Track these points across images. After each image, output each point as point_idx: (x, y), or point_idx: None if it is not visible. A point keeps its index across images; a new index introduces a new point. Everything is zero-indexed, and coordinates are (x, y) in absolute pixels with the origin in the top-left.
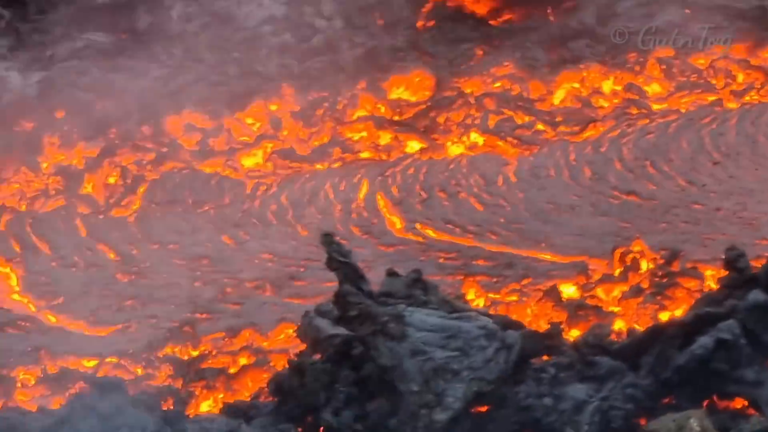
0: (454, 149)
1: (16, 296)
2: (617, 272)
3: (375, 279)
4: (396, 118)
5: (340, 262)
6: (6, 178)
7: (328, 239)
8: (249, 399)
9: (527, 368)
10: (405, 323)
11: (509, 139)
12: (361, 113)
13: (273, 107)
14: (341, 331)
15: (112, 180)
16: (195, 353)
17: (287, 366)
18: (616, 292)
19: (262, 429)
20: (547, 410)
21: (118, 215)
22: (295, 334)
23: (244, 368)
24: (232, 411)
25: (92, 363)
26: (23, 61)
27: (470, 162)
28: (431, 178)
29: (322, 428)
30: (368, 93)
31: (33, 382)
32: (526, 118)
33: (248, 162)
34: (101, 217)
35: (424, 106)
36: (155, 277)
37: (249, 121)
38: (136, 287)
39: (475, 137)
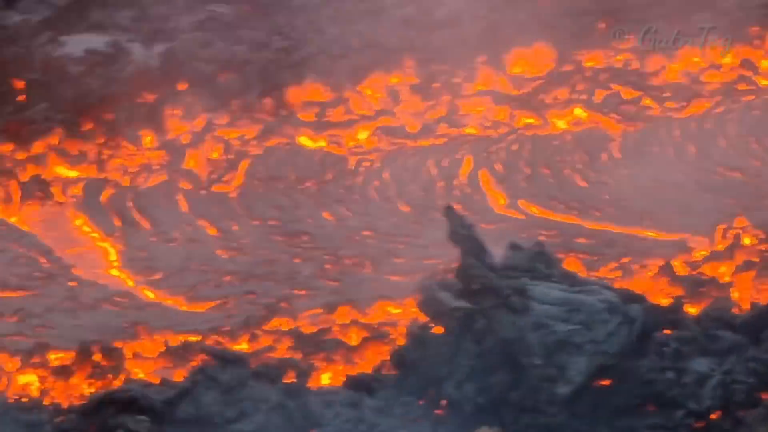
0: (560, 125)
1: (114, 271)
2: (721, 248)
3: None
4: (514, 92)
5: (462, 235)
6: (123, 149)
7: (450, 212)
8: (371, 372)
9: (649, 342)
10: (527, 296)
11: (613, 114)
12: (479, 87)
13: (393, 80)
14: (463, 304)
15: (215, 155)
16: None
17: (409, 339)
18: (724, 268)
19: (385, 402)
20: (669, 384)
21: (220, 191)
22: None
23: (364, 341)
24: (354, 384)
25: (193, 338)
26: (146, 33)
27: (575, 138)
28: (535, 155)
29: (444, 401)
30: (488, 67)
31: (152, 355)
32: (635, 94)
33: (362, 135)
34: (203, 192)
35: (541, 81)
36: (255, 253)
37: (368, 93)
38: (236, 263)
39: (579, 112)
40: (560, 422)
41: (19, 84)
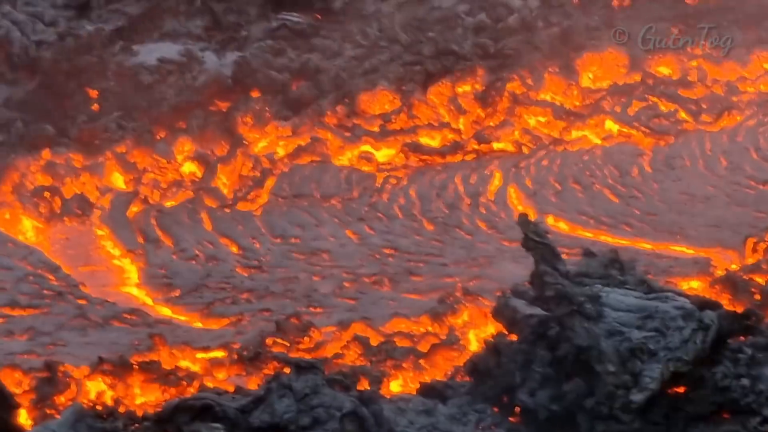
0: (593, 139)
1: (133, 289)
2: (751, 261)
3: (495, 275)
4: (576, 104)
5: (536, 243)
6: (155, 162)
7: (524, 219)
8: (445, 379)
9: (724, 349)
10: (601, 303)
11: (643, 128)
12: (544, 96)
13: (460, 89)
14: (537, 311)
15: (245, 171)
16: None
17: (483, 346)
18: (759, 279)
19: (458, 409)
20: (744, 391)
21: (244, 209)
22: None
23: (434, 348)
24: (428, 391)
25: (201, 355)
26: (219, 42)
27: (605, 153)
28: (565, 170)
29: (518, 408)
30: (558, 76)
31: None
32: (671, 106)
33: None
34: (227, 210)
35: (603, 93)
36: (274, 271)
37: (434, 100)
38: (254, 281)
39: (610, 125)
40: (634, 429)
41: (92, 93)
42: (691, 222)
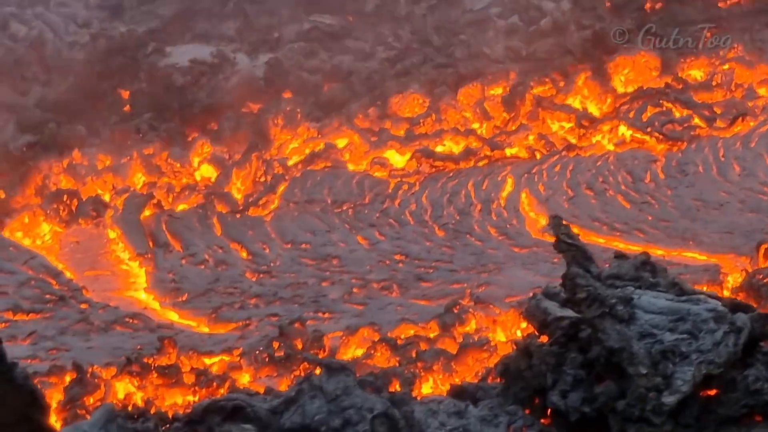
0: (606, 145)
1: (141, 293)
2: (764, 267)
3: (504, 281)
4: (603, 109)
5: (568, 245)
6: (170, 166)
7: (556, 221)
8: (477, 381)
9: (756, 351)
10: (633, 306)
11: (656, 134)
12: (572, 102)
13: (490, 92)
14: (569, 313)
15: (259, 176)
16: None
17: (514, 348)
18: None
19: (489, 411)
20: None
21: (255, 215)
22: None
23: (463, 349)
24: (459, 392)
25: (209, 360)
26: (251, 43)
27: (618, 158)
28: (578, 176)
29: (549, 410)
30: (591, 80)
31: (262, 365)
32: (685, 112)
33: (445, 148)
34: (238, 216)
35: (626, 98)
36: (283, 276)
37: (463, 103)
38: (263, 286)
39: (623, 131)
40: None
41: (125, 94)
42: (703, 228)
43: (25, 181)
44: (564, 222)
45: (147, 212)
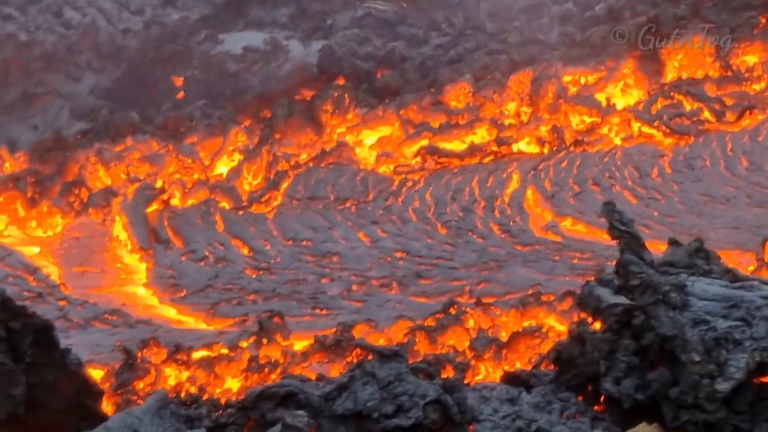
0: (614, 139)
1: (140, 288)
2: None
3: (504, 279)
4: (630, 102)
5: (621, 231)
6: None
7: (609, 208)
8: (530, 368)
9: None
10: (687, 293)
11: (664, 128)
12: (612, 95)
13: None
14: (622, 300)
15: (263, 173)
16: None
17: (568, 335)
18: None
19: (542, 398)
20: None
21: (258, 211)
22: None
23: (514, 336)
24: (512, 379)
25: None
26: (304, 30)
27: (625, 154)
28: (585, 171)
29: (602, 397)
30: (640, 67)
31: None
32: (695, 105)
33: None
34: (240, 213)
35: (665, 87)
36: (282, 273)
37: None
38: (262, 282)
39: (632, 125)
40: (719, 419)
41: (178, 81)
42: (710, 223)
43: (63, 170)
44: (617, 209)
45: (155, 206)
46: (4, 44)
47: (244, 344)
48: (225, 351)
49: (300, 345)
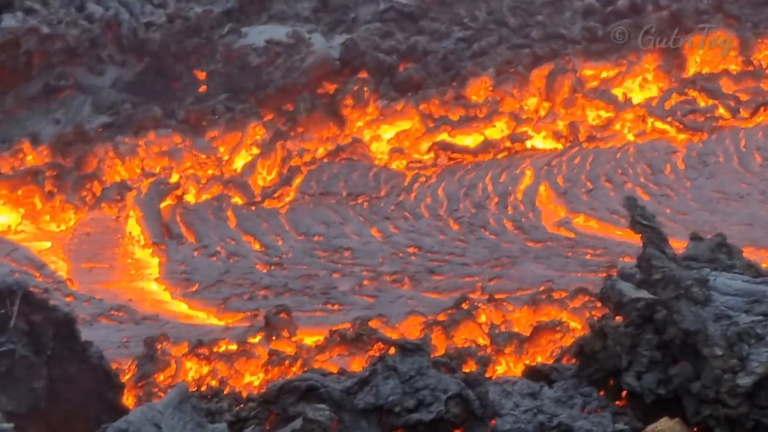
0: (627, 135)
1: (152, 284)
2: None
3: (516, 275)
4: (647, 97)
5: (643, 226)
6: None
7: (631, 202)
8: (551, 362)
9: None
10: (709, 287)
11: (677, 124)
12: (630, 89)
13: (560, 75)
14: (644, 294)
15: (276, 169)
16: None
17: (589, 329)
18: None
19: (564, 392)
20: None
21: (270, 207)
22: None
23: (536, 330)
24: (534, 374)
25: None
26: (327, 24)
27: (638, 150)
28: (598, 168)
29: (624, 392)
30: (661, 63)
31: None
32: (710, 102)
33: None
34: (253, 208)
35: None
36: (294, 268)
37: (535, 85)
38: (273, 277)
39: (646, 120)
40: (741, 414)
41: (200, 75)
42: (723, 220)
43: (81, 164)
44: (639, 203)
45: (169, 201)
46: (27, 37)
47: (252, 340)
48: (233, 347)
49: (310, 340)
